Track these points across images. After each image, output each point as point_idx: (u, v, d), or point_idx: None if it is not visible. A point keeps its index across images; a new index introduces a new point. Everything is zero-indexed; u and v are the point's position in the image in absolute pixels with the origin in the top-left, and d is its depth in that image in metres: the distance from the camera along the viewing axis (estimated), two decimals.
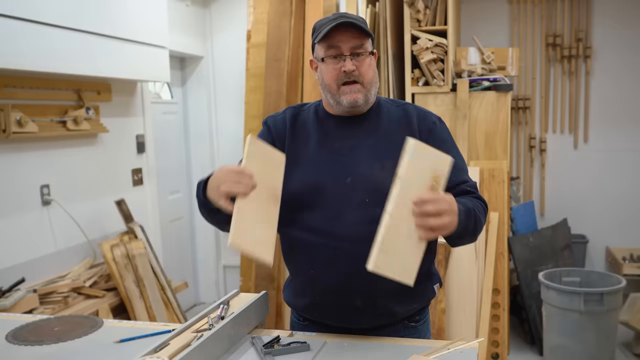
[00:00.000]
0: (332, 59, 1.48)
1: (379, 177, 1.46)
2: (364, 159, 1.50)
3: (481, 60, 3.58)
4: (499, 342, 3.28)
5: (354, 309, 1.51)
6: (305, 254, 1.53)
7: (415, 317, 1.60)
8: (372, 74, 1.50)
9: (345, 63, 1.46)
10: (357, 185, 1.48)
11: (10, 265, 2.75)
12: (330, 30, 1.45)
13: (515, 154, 4.47)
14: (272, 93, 3.94)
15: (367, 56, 1.48)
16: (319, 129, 1.56)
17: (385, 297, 1.50)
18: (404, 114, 1.56)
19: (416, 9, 3.20)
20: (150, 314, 3.09)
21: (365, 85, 1.49)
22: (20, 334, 1.61)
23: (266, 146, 1.41)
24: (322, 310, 1.56)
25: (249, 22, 4.10)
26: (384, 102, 1.60)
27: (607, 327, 3.17)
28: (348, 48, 1.46)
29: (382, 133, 1.53)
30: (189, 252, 4.72)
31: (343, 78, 1.47)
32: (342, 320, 1.55)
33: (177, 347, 1.34)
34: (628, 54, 4.25)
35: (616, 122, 4.31)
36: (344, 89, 1.48)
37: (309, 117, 1.60)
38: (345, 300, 1.50)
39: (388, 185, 1.42)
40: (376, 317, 1.53)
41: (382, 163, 1.48)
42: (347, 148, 1.52)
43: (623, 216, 4.34)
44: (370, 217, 1.43)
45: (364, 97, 1.49)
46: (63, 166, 3.09)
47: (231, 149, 4.62)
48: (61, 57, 2.68)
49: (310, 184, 1.50)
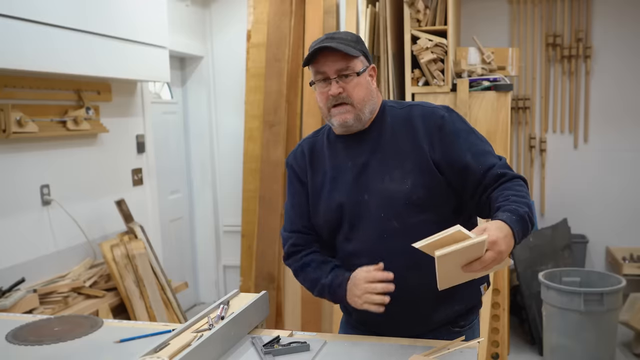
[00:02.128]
0: (320, 82, 1.49)
1: (389, 189, 1.47)
2: (374, 174, 1.50)
3: (481, 60, 3.58)
4: (499, 342, 3.28)
5: (394, 320, 1.52)
6: None
7: (459, 321, 1.57)
8: (362, 93, 1.49)
9: (331, 87, 1.46)
10: (372, 202, 1.49)
11: (10, 265, 2.75)
12: (315, 54, 1.46)
13: (515, 154, 4.47)
14: (272, 93, 3.94)
15: (354, 77, 1.47)
16: (331, 152, 1.59)
17: (424, 304, 1.51)
18: (408, 118, 1.53)
19: (416, 9, 3.19)
20: (150, 314, 3.09)
21: (356, 105, 1.48)
22: (20, 334, 1.61)
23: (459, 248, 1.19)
24: (368, 323, 1.60)
25: (249, 22, 4.10)
26: (389, 108, 1.58)
27: (607, 327, 3.17)
28: (333, 71, 1.46)
29: (388, 143, 1.52)
30: (189, 252, 4.72)
31: (332, 101, 1.48)
32: (386, 331, 1.56)
33: (177, 347, 1.34)
34: (628, 54, 4.24)
35: (616, 122, 4.31)
36: (334, 110, 1.49)
37: (323, 142, 1.62)
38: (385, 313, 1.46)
39: (399, 196, 1.46)
40: (417, 324, 1.54)
41: (391, 175, 1.48)
42: (358, 166, 1.53)
43: (623, 216, 4.34)
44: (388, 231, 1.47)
45: (355, 116, 1.49)
46: (63, 166, 3.08)
47: (231, 149, 4.62)
48: (61, 57, 2.68)
49: (335, 209, 1.53)
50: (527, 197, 1.38)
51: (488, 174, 1.43)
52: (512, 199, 1.35)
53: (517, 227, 1.28)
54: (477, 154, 1.45)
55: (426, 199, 1.46)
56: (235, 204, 4.51)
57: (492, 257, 1.20)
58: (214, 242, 4.76)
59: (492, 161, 1.45)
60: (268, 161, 3.96)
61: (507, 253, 1.25)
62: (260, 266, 3.94)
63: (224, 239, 4.79)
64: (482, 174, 1.43)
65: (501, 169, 1.43)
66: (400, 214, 1.46)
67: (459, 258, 1.20)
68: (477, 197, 1.46)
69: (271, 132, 3.95)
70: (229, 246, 4.74)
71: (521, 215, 1.31)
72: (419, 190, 1.45)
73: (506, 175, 1.42)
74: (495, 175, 1.42)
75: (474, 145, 1.47)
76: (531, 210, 1.36)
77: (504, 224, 1.26)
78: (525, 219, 1.32)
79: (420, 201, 1.45)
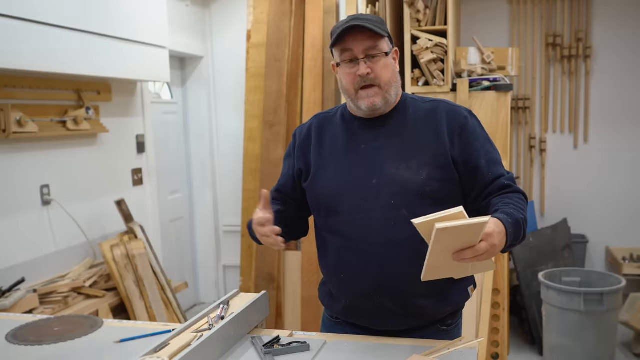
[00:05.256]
0: (347, 63, 1.48)
1: (403, 177, 1.47)
2: (388, 159, 1.50)
3: (481, 60, 3.58)
4: (499, 342, 3.28)
5: (385, 311, 1.52)
6: (336, 257, 1.55)
7: (447, 320, 1.59)
8: (389, 74, 1.49)
9: (360, 67, 1.46)
10: (383, 187, 1.48)
11: (10, 265, 2.75)
12: (343, 34, 1.45)
13: (515, 154, 4.47)
14: (272, 93, 3.94)
15: (382, 57, 1.47)
16: (345, 132, 1.57)
17: (416, 298, 1.50)
18: (433, 112, 1.53)
19: (416, 9, 3.19)
20: (150, 314, 3.09)
21: (383, 86, 1.48)
22: (20, 334, 1.61)
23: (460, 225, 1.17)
24: (355, 313, 1.58)
25: (249, 22, 4.10)
26: (411, 100, 1.58)
27: (607, 327, 3.17)
28: (361, 51, 1.45)
29: (408, 132, 1.52)
30: (189, 252, 4.72)
31: (360, 82, 1.47)
32: (374, 322, 1.55)
33: (177, 347, 1.34)
34: (628, 54, 4.24)
35: (616, 122, 4.31)
36: (362, 93, 1.48)
37: (336, 121, 1.61)
38: (376, 302, 1.50)
39: (412, 186, 1.45)
40: (407, 318, 1.53)
41: (407, 163, 1.48)
42: (372, 149, 1.52)
43: (623, 216, 4.34)
44: (396, 218, 1.45)
45: (382, 99, 1.49)
46: (63, 166, 3.08)
47: (231, 149, 4.62)
48: (61, 57, 2.68)
49: (337, 187, 1.52)
50: (525, 210, 1.42)
51: (495, 182, 1.47)
52: (511, 205, 1.39)
53: (511, 229, 1.31)
54: (490, 162, 1.49)
55: (438, 193, 1.46)
56: (235, 204, 4.51)
57: (485, 248, 1.21)
58: (214, 242, 4.76)
59: (502, 172, 1.50)
60: (268, 161, 3.96)
61: (498, 250, 1.27)
62: (260, 266, 3.94)
63: (224, 239, 4.79)
64: (490, 181, 1.47)
65: (508, 181, 1.48)
66: (412, 204, 1.45)
67: (456, 239, 1.20)
68: (480, 201, 1.49)
69: (271, 132, 3.95)
70: (229, 246, 4.74)
71: (517, 219, 1.34)
72: (433, 183, 1.46)
73: (511, 187, 1.47)
74: (501, 185, 1.47)
75: (489, 152, 1.51)
76: (526, 223, 1.39)
77: (500, 222, 1.29)
78: (520, 225, 1.35)
79: (433, 194, 1.46)
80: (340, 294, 1.57)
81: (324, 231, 1.58)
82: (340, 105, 1.65)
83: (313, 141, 1.61)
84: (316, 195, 1.58)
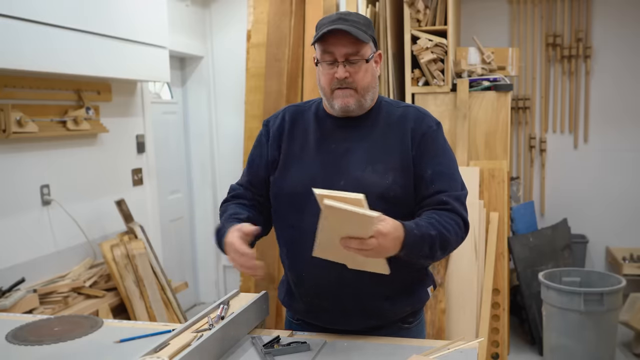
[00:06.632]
0: (327, 64, 1.47)
1: (369, 180, 1.46)
2: (356, 162, 1.49)
3: (481, 60, 3.58)
4: (499, 342, 3.28)
5: (343, 311, 1.52)
6: (295, 254, 1.54)
7: (408, 318, 1.59)
8: (367, 80, 1.48)
9: (338, 70, 1.44)
10: (349, 189, 1.43)
11: (10, 265, 2.75)
12: (326, 35, 1.43)
13: (515, 154, 4.47)
14: (272, 93, 3.94)
15: (362, 63, 1.46)
16: (317, 129, 1.56)
17: (375, 299, 1.50)
18: (403, 117, 1.54)
19: (416, 9, 3.20)
20: (150, 314, 3.09)
21: (359, 91, 1.47)
22: (20, 334, 1.61)
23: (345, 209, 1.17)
24: (314, 313, 1.57)
25: (249, 22, 4.10)
26: (385, 104, 1.58)
27: (607, 327, 3.17)
28: (342, 54, 1.44)
29: (377, 136, 1.52)
30: (189, 252, 4.72)
31: (336, 84, 1.47)
32: (333, 322, 1.55)
33: (177, 347, 1.34)
34: (628, 54, 4.25)
35: (616, 122, 4.31)
36: (337, 92, 1.48)
37: (309, 116, 1.60)
38: (334, 302, 1.51)
39: (377, 190, 1.44)
40: (366, 319, 1.53)
41: (374, 166, 1.47)
42: (342, 150, 1.51)
43: (623, 216, 4.34)
44: None
45: (357, 102, 1.48)
46: (63, 166, 3.08)
47: (231, 149, 4.62)
48: (61, 57, 2.68)
49: (305, 186, 1.47)
50: (450, 232, 1.38)
51: (435, 196, 1.45)
52: (433, 220, 1.37)
53: (412, 239, 1.29)
54: (437, 174, 1.46)
55: (401, 198, 1.46)
56: None
57: (373, 245, 1.21)
58: (214, 242, 4.75)
59: (445, 187, 1.46)
60: None
61: (388, 253, 1.26)
62: None
63: None
64: (430, 194, 1.45)
65: (448, 198, 1.44)
66: (375, 207, 1.39)
67: (345, 224, 1.18)
68: (418, 210, 1.48)
69: None
70: None
71: (425, 234, 1.32)
72: (397, 188, 1.46)
73: (448, 204, 1.43)
74: (439, 200, 1.44)
75: (439, 165, 1.48)
76: (443, 246, 1.36)
77: (402, 228, 1.28)
78: (426, 242, 1.32)
79: (396, 199, 1.45)
80: (299, 292, 1.56)
81: (287, 227, 1.56)
82: (316, 100, 1.63)
83: (286, 132, 1.58)
84: (282, 191, 1.54)
